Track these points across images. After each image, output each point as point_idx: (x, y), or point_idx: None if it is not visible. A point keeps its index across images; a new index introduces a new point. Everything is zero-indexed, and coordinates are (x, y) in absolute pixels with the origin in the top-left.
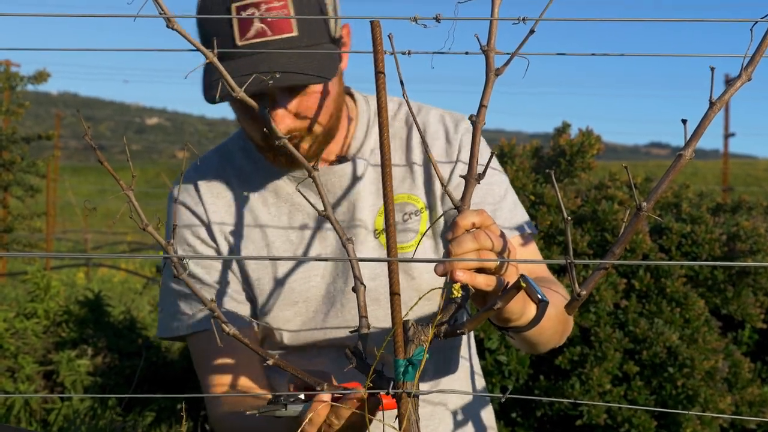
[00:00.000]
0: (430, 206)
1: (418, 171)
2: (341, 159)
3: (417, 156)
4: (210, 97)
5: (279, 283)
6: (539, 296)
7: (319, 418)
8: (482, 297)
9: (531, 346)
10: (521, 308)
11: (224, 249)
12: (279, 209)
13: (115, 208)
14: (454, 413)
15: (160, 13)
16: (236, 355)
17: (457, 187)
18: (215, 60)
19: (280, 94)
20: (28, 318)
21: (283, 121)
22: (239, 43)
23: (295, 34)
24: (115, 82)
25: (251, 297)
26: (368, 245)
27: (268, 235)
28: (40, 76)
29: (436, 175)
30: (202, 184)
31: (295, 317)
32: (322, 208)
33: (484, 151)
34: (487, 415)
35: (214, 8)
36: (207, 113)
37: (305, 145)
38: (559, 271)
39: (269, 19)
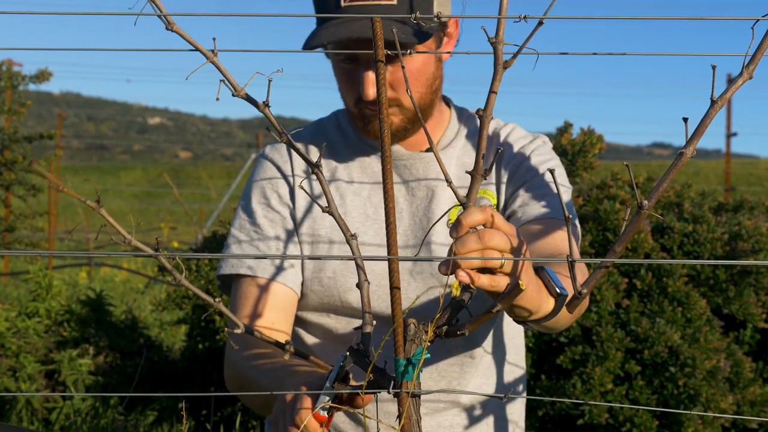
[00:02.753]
0: (499, 205)
1: (494, 172)
2: (429, 150)
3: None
4: (308, 46)
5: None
6: (557, 290)
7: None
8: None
9: (545, 329)
10: (537, 305)
11: (299, 210)
12: (361, 184)
13: (117, 208)
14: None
15: (159, 15)
16: (270, 305)
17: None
18: (215, 59)
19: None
20: (30, 317)
21: (372, 84)
22: (343, 4)
23: (394, 2)
24: (117, 82)
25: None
26: (441, 235)
27: (347, 205)
28: (42, 76)
29: (509, 182)
30: (297, 143)
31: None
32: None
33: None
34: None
35: None
36: (209, 113)
37: (395, 118)
38: None
39: None
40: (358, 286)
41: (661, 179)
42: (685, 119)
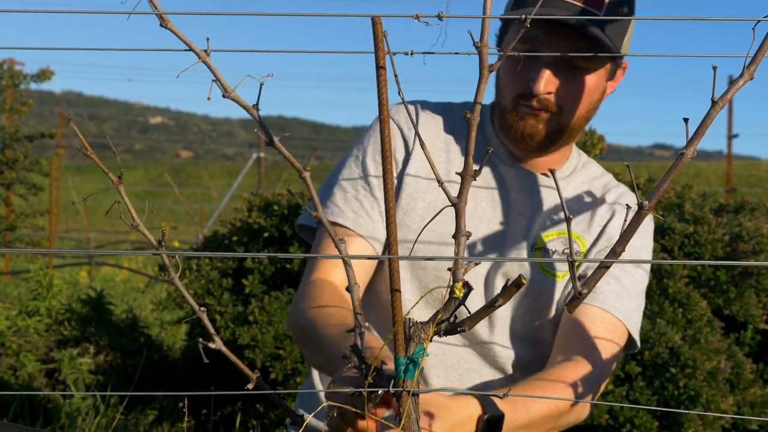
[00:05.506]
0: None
1: (596, 227)
2: (544, 174)
3: (601, 216)
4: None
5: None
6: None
7: None
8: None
9: None
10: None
11: (405, 187)
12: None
13: (118, 207)
14: None
15: (154, 12)
16: (357, 262)
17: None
18: (207, 59)
19: (555, 64)
20: (31, 316)
21: (546, 82)
22: None
23: (601, 15)
24: (119, 81)
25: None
26: (519, 255)
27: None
28: (44, 75)
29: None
30: (423, 116)
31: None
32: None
33: (645, 232)
34: None
35: None
36: (210, 113)
37: (541, 126)
38: None
39: None
40: (348, 289)
41: (662, 180)
42: (686, 120)
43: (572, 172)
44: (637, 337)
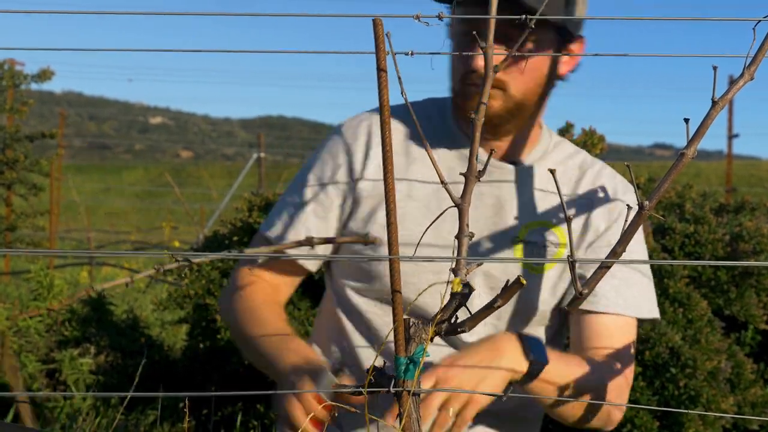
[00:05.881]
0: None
1: (577, 217)
2: (512, 162)
3: (580, 206)
4: None
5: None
6: (532, 357)
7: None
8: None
9: (556, 416)
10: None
11: (362, 193)
12: (433, 175)
13: (119, 208)
14: None
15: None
16: (280, 270)
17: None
18: None
19: (496, 39)
20: (31, 316)
21: (482, 57)
22: None
23: None
24: (119, 81)
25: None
26: (498, 250)
27: (413, 194)
28: (44, 75)
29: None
30: (376, 127)
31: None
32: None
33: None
34: None
35: None
36: (210, 113)
37: (495, 102)
38: None
39: None
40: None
41: (662, 180)
42: (687, 120)
43: (543, 155)
44: (652, 313)
